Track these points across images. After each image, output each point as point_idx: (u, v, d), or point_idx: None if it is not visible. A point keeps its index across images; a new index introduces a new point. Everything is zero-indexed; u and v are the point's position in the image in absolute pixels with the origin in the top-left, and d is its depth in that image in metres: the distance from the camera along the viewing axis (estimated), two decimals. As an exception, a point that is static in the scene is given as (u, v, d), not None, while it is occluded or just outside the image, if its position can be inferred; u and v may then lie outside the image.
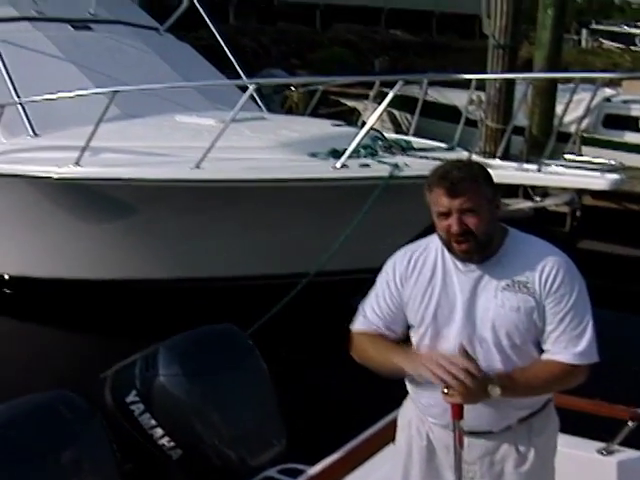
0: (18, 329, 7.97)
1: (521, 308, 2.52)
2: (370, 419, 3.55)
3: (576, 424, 3.61)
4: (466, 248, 2.53)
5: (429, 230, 2.74)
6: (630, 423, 3.37)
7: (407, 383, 2.78)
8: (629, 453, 3.44)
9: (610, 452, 3.44)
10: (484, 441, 2.64)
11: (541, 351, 2.58)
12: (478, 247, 2.53)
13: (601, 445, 3.47)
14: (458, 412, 2.48)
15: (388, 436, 3.02)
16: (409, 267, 2.68)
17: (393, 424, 2.99)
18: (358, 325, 2.76)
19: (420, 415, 2.75)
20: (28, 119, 7.63)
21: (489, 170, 2.63)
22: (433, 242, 2.68)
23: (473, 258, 2.56)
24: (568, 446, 3.49)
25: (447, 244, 2.57)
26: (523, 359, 2.56)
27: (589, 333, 2.54)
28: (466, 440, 2.61)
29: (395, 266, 2.72)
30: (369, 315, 2.73)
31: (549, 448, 2.75)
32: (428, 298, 2.63)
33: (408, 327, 2.72)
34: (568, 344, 2.52)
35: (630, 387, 6.16)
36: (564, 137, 9.31)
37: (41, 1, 9.25)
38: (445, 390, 2.42)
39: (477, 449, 2.61)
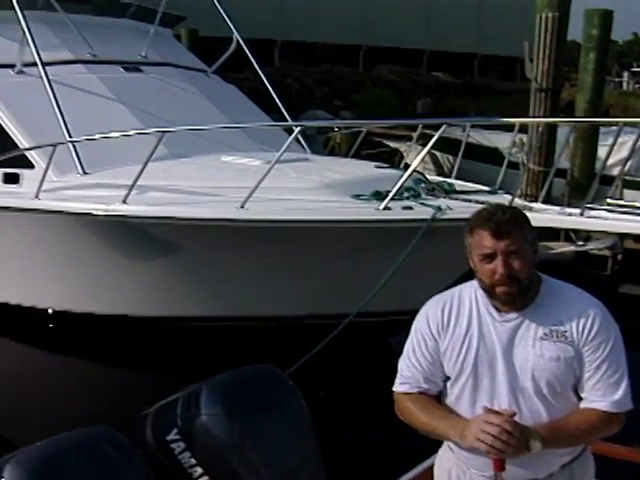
0: (61, 364, 8.06)
1: (560, 357, 2.54)
2: (407, 464, 3.56)
3: (615, 472, 3.60)
4: (509, 291, 2.54)
5: (470, 274, 2.77)
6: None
7: None
8: None
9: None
10: None
11: (580, 397, 2.60)
12: (521, 291, 2.55)
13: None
14: (500, 465, 2.49)
15: (428, 480, 3.02)
16: (444, 318, 2.68)
17: (429, 471, 2.99)
18: (400, 387, 2.75)
19: (461, 465, 2.75)
20: (78, 157, 7.79)
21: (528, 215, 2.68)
22: (466, 291, 2.69)
23: (515, 302, 2.57)
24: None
25: (489, 289, 2.58)
26: (564, 406, 2.58)
27: (625, 381, 2.56)
28: None
29: (429, 318, 2.71)
30: (409, 374, 2.73)
31: None
32: (466, 349, 2.63)
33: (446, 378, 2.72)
34: (605, 392, 2.54)
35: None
36: (606, 180, 9.27)
37: (95, 44, 9.52)
38: (485, 444, 2.43)
39: None
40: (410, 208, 6.77)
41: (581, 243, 9.98)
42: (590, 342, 2.54)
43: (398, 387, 2.76)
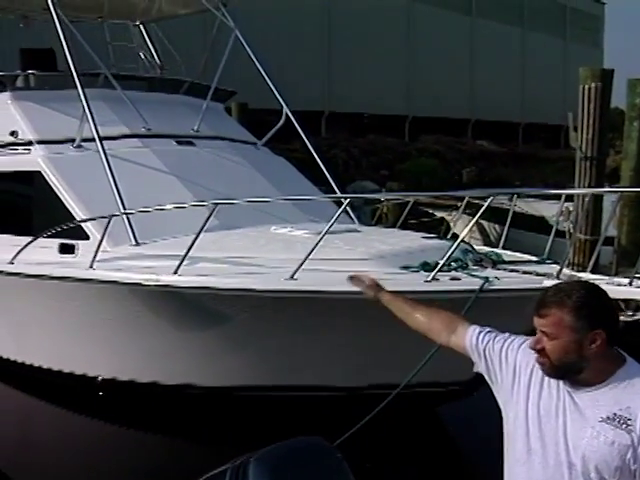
0: (108, 432, 8.13)
1: (615, 443, 2.49)
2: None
3: None
4: (541, 362, 2.61)
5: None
6: None
7: None
8: None
9: None
10: None
11: None
12: (552, 369, 2.58)
13: None
14: None
15: None
16: (527, 358, 2.74)
17: None
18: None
19: None
20: (132, 229, 7.98)
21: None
22: None
23: (551, 376, 2.62)
24: None
25: None
26: None
27: None
28: None
29: (522, 346, 2.80)
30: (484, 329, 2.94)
31: None
32: (530, 399, 2.67)
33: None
34: None
35: None
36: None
37: (150, 119, 9.82)
38: None
39: None
40: (458, 279, 6.79)
41: (631, 313, 9.86)
42: None
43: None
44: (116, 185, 8.13)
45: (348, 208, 9.03)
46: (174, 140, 9.92)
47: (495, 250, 8.51)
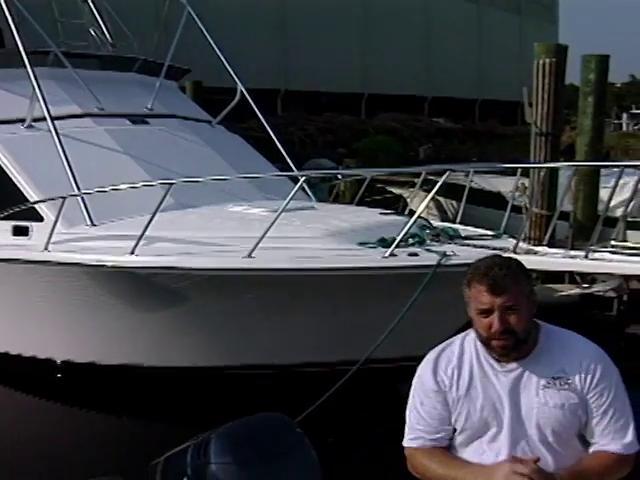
0: (68, 414, 8.07)
1: (565, 405, 2.58)
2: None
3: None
4: (505, 345, 2.59)
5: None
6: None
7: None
8: None
9: None
10: None
11: (585, 442, 2.63)
12: (517, 344, 2.59)
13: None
14: None
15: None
16: (447, 371, 2.71)
17: None
18: (413, 442, 2.77)
19: None
20: (87, 209, 7.88)
21: (526, 263, 2.72)
22: (466, 342, 2.73)
23: (510, 356, 2.62)
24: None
25: (486, 341, 2.63)
26: (568, 452, 2.62)
27: (632, 423, 2.63)
28: None
29: (433, 370, 2.75)
30: (420, 428, 2.74)
31: None
32: (470, 402, 2.67)
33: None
34: (615, 435, 2.59)
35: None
36: (609, 222, 9.35)
37: (102, 98, 9.67)
38: None
39: None
40: (416, 254, 6.83)
41: (586, 285, 10.02)
42: (594, 389, 2.58)
43: (410, 442, 2.77)
44: (69, 165, 8.01)
45: (305, 185, 9.03)
46: (128, 119, 9.79)
47: (452, 225, 8.57)
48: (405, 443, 2.79)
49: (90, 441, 7.31)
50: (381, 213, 8.41)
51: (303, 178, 7.28)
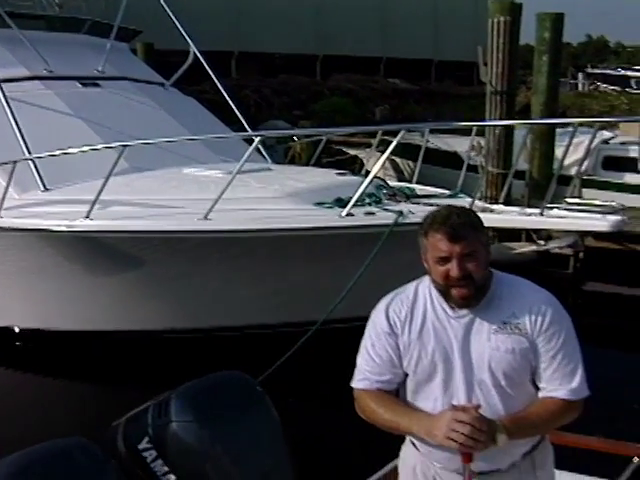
0: (28, 380, 8.02)
1: (516, 349, 2.59)
2: (377, 464, 3.61)
3: (584, 462, 3.68)
4: (465, 293, 2.59)
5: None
6: (636, 460, 3.44)
7: None
8: None
9: (618, 489, 3.50)
10: None
11: (537, 387, 2.66)
12: (476, 291, 2.60)
13: (609, 482, 3.54)
14: (468, 457, 2.54)
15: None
16: (400, 314, 2.71)
17: (396, 471, 3.02)
18: (359, 384, 2.76)
19: (425, 460, 2.78)
20: (39, 174, 7.76)
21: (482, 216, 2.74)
22: (420, 288, 2.72)
23: (470, 303, 2.62)
24: (577, 484, 3.56)
25: (444, 289, 2.62)
26: (521, 397, 2.63)
27: (581, 369, 2.63)
28: None
29: (386, 314, 2.74)
30: (368, 369, 2.74)
31: (552, 479, 2.84)
32: (422, 345, 2.67)
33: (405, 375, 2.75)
34: (562, 381, 2.60)
35: (635, 425, 6.22)
36: (564, 180, 9.45)
37: (51, 60, 9.49)
38: (454, 441, 2.45)
39: None
40: (372, 214, 6.84)
41: (542, 242, 10.14)
42: (544, 333, 2.60)
43: (357, 383, 2.77)
44: (19, 129, 7.87)
45: (261, 147, 8.99)
46: (78, 82, 9.62)
47: (409, 185, 8.60)
48: (353, 384, 2.80)
49: (51, 405, 7.29)
50: (337, 174, 8.40)
51: (258, 139, 7.23)
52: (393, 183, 8.67)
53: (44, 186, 7.80)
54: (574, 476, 3.62)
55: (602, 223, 7.20)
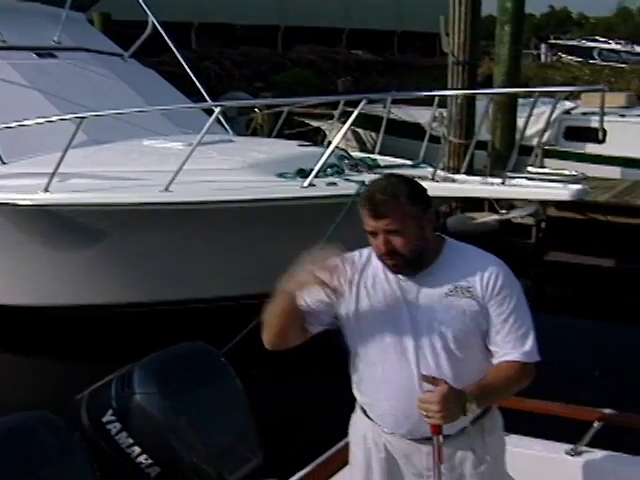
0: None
1: (466, 312, 2.60)
2: (344, 433, 3.61)
3: (546, 428, 3.72)
4: (394, 264, 2.60)
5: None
6: (596, 424, 3.48)
7: (358, 396, 2.82)
8: (596, 453, 3.55)
9: (578, 453, 3.54)
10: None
11: (488, 352, 2.66)
12: (407, 264, 2.59)
13: (569, 447, 3.57)
14: (437, 429, 2.53)
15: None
16: (355, 270, 2.70)
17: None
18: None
19: (375, 427, 2.78)
20: (-5, 148, 7.63)
21: (423, 184, 2.66)
22: (373, 253, 2.69)
23: (404, 272, 2.62)
24: (538, 449, 3.60)
25: (379, 258, 2.65)
26: (470, 361, 2.64)
27: (532, 333, 2.64)
28: (425, 447, 2.68)
29: (344, 260, 2.70)
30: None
31: (500, 446, 2.85)
32: (371, 308, 2.67)
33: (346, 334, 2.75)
34: (515, 344, 2.61)
35: (595, 390, 6.32)
36: (526, 150, 9.49)
37: (4, 30, 9.28)
38: (424, 413, 2.46)
39: None
40: (334, 184, 6.84)
41: (504, 212, 10.18)
42: (495, 297, 2.61)
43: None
44: (-27, 102, 7.70)
45: (222, 119, 8.90)
46: (33, 52, 9.41)
47: (371, 155, 8.60)
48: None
49: (12, 381, 7.25)
50: (299, 145, 8.37)
51: (218, 109, 7.15)
52: (355, 154, 8.66)
53: (1, 160, 7.67)
54: (536, 441, 3.66)
55: (563, 192, 7.25)
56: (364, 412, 2.81)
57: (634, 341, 8.79)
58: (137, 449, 3.34)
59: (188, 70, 9.89)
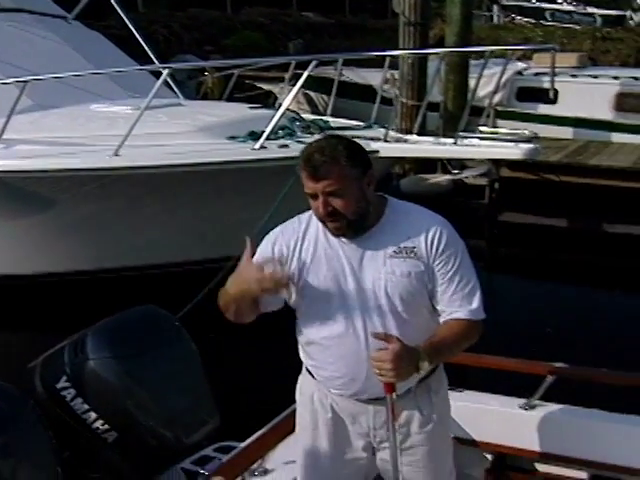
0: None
1: (412, 273, 2.58)
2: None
3: (500, 383, 3.76)
4: (336, 227, 2.57)
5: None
6: (548, 378, 3.52)
7: (305, 357, 2.81)
8: (549, 407, 3.59)
9: (532, 407, 3.58)
10: None
11: (434, 311, 2.66)
12: (349, 225, 2.56)
13: (523, 401, 3.61)
14: (390, 388, 2.51)
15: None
16: (290, 243, 2.67)
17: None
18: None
19: (322, 388, 2.78)
20: None
21: (363, 144, 2.65)
22: (314, 217, 2.66)
23: (347, 235, 2.60)
24: (494, 404, 3.64)
25: (320, 221, 2.62)
26: (417, 322, 2.63)
27: (478, 291, 2.65)
28: (373, 407, 2.69)
29: (272, 242, 2.70)
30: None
31: (446, 406, 2.87)
32: (314, 273, 2.64)
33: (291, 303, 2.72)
34: (462, 302, 2.61)
35: (547, 346, 6.42)
36: (479, 111, 9.52)
37: (-61, -10, 8.99)
38: (377, 371, 2.44)
39: (383, 414, 2.64)
40: (286, 146, 6.79)
41: (456, 172, 10.22)
42: (440, 256, 2.60)
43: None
44: None
45: (171, 82, 8.78)
46: None
47: (323, 117, 8.55)
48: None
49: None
50: (250, 107, 8.29)
51: (166, 71, 7.04)
52: (307, 116, 8.61)
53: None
54: (492, 397, 3.69)
55: (515, 151, 7.31)
56: (310, 374, 2.81)
57: (585, 299, 8.94)
58: (93, 415, 3.32)
59: (135, 33, 9.68)
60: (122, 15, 9.84)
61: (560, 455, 3.51)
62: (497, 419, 3.56)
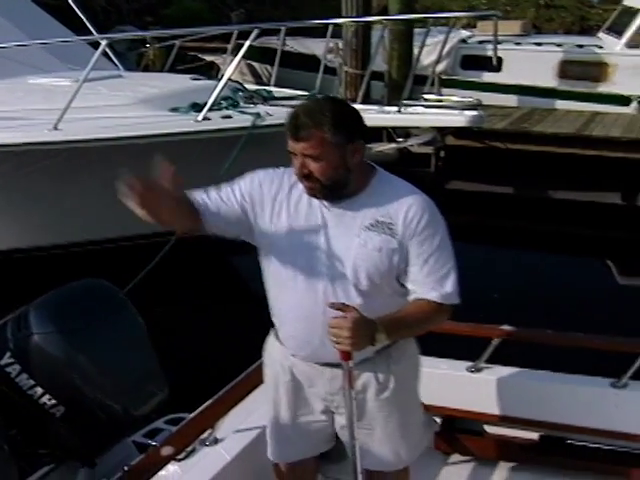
0: None
1: (383, 249, 2.55)
2: (246, 364, 3.59)
3: (449, 347, 3.79)
4: (310, 187, 2.55)
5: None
6: (494, 341, 3.56)
7: (272, 316, 2.80)
8: (495, 369, 3.65)
9: (478, 369, 3.64)
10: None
11: (401, 289, 2.63)
12: (323, 190, 2.54)
13: (470, 364, 3.67)
14: (347, 355, 2.50)
15: (260, 377, 3.07)
16: (284, 184, 2.66)
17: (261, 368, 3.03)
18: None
19: (284, 351, 2.79)
20: None
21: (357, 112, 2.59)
22: None
23: (321, 198, 2.58)
24: (443, 367, 3.68)
25: (298, 179, 2.60)
26: (379, 298, 2.60)
27: (454, 274, 2.60)
28: (329, 371, 2.68)
29: (268, 177, 2.68)
30: (209, 193, 2.66)
31: (409, 373, 2.84)
32: (290, 228, 2.62)
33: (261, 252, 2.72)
34: (435, 285, 2.57)
35: (494, 311, 6.51)
36: (424, 80, 9.53)
37: None
38: (334, 339, 2.42)
39: (339, 380, 2.62)
40: (229, 117, 6.73)
41: (401, 140, 10.23)
42: (417, 235, 2.56)
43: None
44: None
45: (111, 54, 8.62)
46: None
47: (266, 88, 8.48)
48: None
49: None
50: (192, 78, 8.19)
51: (104, 42, 6.91)
52: (251, 86, 8.53)
53: None
54: (441, 361, 3.73)
55: (459, 118, 7.36)
56: (275, 335, 2.81)
57: (531, 264, 9.07)
58: (39, 390, 3.26)
59: (72, 3, 9.44)
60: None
61: (509, 416, 3.57)
62: (445, 382, 3.60)
